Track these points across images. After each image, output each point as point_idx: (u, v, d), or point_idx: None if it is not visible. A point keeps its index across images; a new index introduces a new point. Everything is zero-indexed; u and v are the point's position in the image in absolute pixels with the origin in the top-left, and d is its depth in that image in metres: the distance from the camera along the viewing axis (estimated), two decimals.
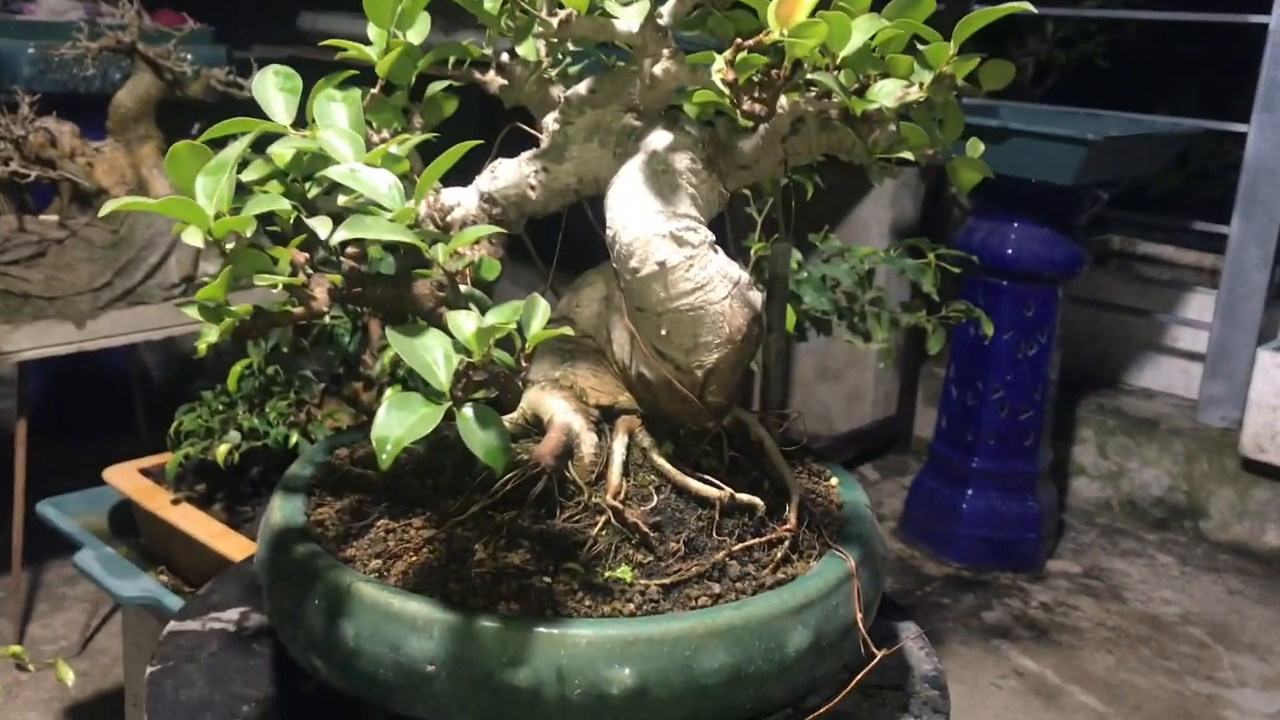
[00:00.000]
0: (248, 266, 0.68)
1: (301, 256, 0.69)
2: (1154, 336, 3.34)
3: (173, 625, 0.91)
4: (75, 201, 2.17)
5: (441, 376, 0.64)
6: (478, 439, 0.64)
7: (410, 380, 1.55)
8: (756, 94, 0.68)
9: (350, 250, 0.72)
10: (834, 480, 0.91)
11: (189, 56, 2.40)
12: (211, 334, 0.67)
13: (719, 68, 0.68)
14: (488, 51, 0.91)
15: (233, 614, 0.93)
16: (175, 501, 1.57)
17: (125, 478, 1.63)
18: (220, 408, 1.58)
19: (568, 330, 0.70)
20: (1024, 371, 2.72)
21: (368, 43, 0.82)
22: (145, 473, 1.65)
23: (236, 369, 1.54)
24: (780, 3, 0.66)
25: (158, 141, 2.24)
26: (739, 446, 0.85)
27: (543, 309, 0.68)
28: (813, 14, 0.68)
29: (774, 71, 0.68)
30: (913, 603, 2.64)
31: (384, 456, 0.61)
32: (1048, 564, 2.85)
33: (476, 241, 0.73)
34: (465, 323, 0.65)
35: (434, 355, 0.65)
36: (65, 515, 1.65)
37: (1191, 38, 4.88)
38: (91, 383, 2.96)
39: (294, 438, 1.54)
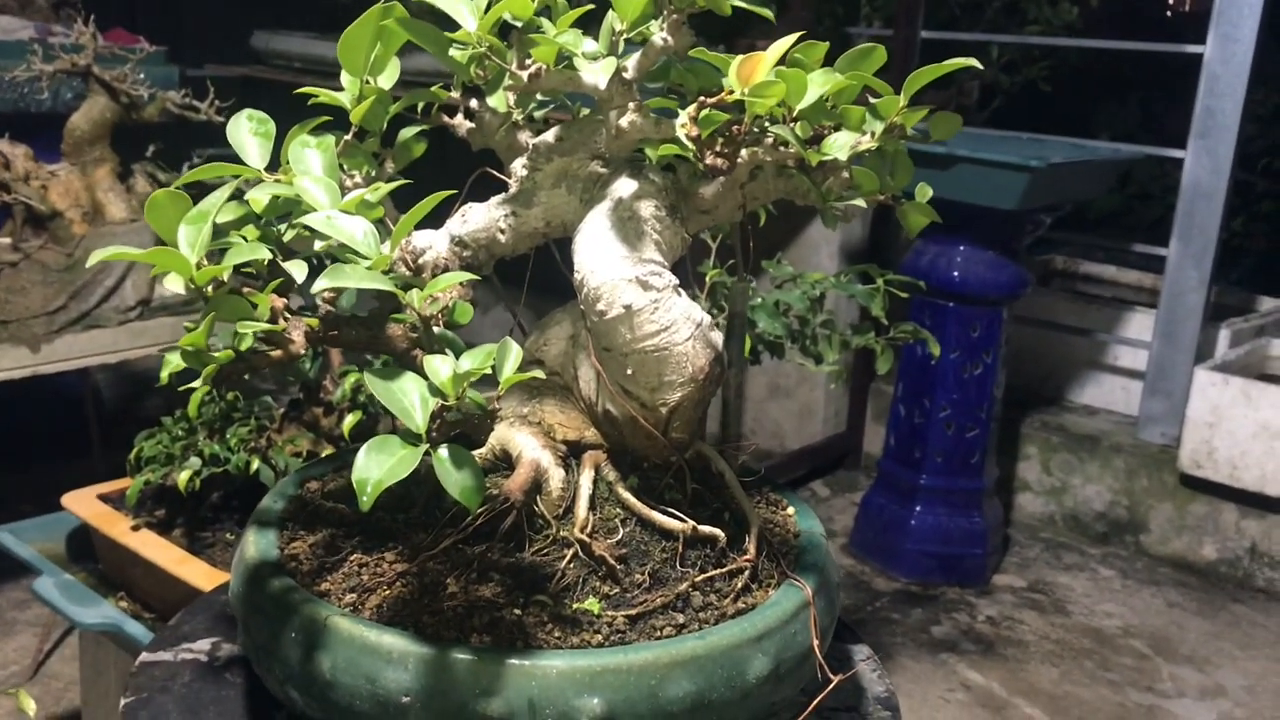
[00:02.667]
0: (229, 312, 0.70)
1: (280, 303, 0.71)
2: (1096, 355, 3.42)
3: (145, 656, 0.92)
4: (29, 224, 2.16)
5: (418, 419, 0.67)
6: (453, 479, 0.67)
7: (370, 406, 1.57)
8: (718, 148, 0.71)
9: (326, 294, 0.75)
10: (790, 510, 0.95)
11: (144, 78, 2.40)
12: (196, 380, 0.69)
13: (683, 123, 0.72)
14: (455, 95, 0.94)
15: (204, 644, 0.95)
16: (135, 527, 1.58)
17: (84, 504, 1.63)
18: (180, 433, 1.59)
19: (538, 374, 0.73)
20: (970, 391, 2.79)
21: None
22: (104, 498, 1.66)
23: (197, 395, 1.55)
24: (741, 63, 0.69)
25: (113, 164, 2.24)
26: (701, 479, 0.88)
27: (515, 353, 0.71)
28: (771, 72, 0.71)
29: (735, 127, 0.72)
30: (863, 618, 2.69)
31: (364, 499, 0.63)
32: (994, 578, 2.91)
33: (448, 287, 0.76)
34: (441, 367, 0.68)
35: (411, 399, 0.68)
36: (22, 541, 1.65)
37: (1134, 62, 5.01)
38: (43, 404, 2.94)
39: (255, 463, 1.55)
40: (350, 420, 1.53)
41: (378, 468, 0.64)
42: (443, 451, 0.67)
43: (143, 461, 1.60)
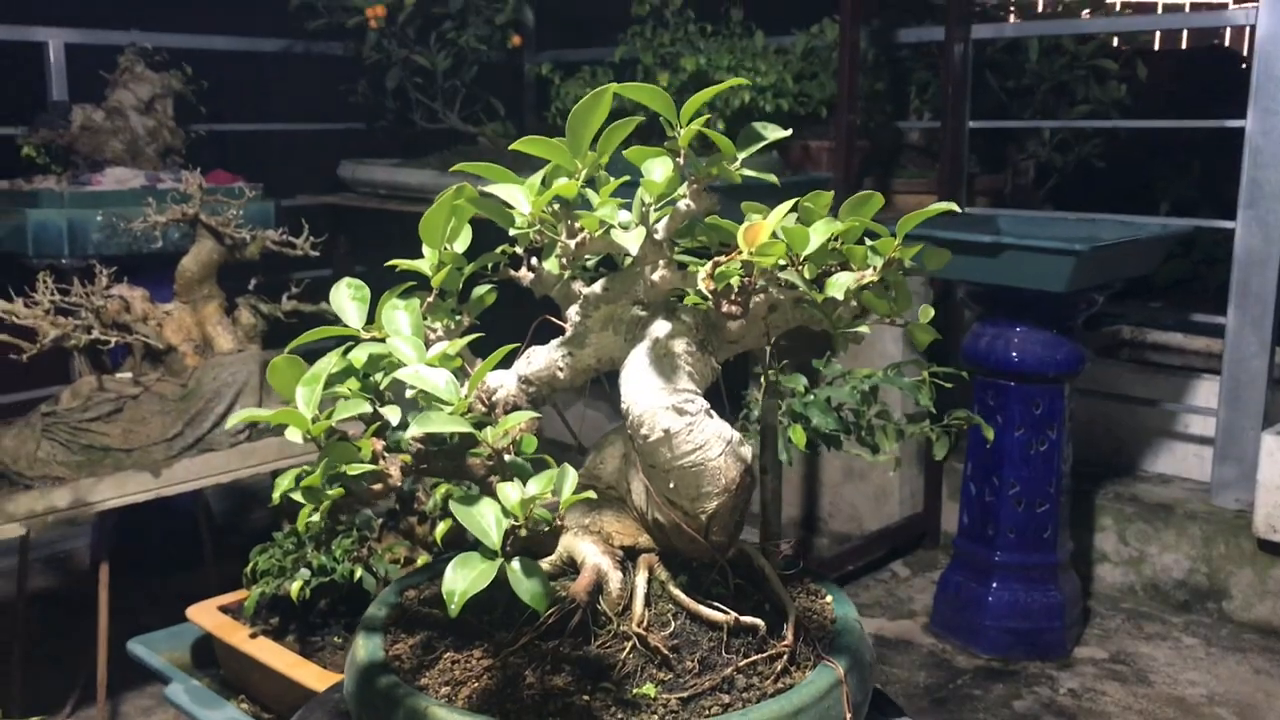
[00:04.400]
0: (339, 456, 0.86)
1: (379, 445, 0.86)
2: (1166, 423, 3.47)
3: None
4: (147, 359, 2.38)
5: (494, 537, 0.81)
6: (524, 587, 0.81)
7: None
8: (733, 297, 0.86)
9: (416, 433, 0.90)
10: (829, 598, 1.07)
11: (242, 213, 2.64)
12: (310, 514, 0.84)
13: (703, 278, 0.86)
14: (519, 251, 1.10)
15: None
16: (253, 635, 1.74)
17: (206, 615, 1.80)
18: (290, 547, 1.75)
19: (591, 494, 0.87)
20: (1037, 466, 2.86)
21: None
22: (223, 609, 1.83)
23: (305, 512, 1.72)
24: (747, 229, 0.84)
25: (220, 300, 2.46)
26: (745, 574, 1.01)
27: (571, 477, 0.85)
28: (774, 233, 0.86)
29: (746, 279, 0.86)
30: (944, 696, 2.74)
31: (453, 606, 0.77)
32: (1075, 651, 2.95)
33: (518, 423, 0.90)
34: (511, 493, 0.83)
35: (487, 520, 0.82)
36: (153, 651, 1.82)
37: (1190, 130, 5.07)
38: (159, 521, 3.15)
39: (358, 572, 1.71)
40: (442, 528, 1.67)
41: (462, 580, 0.78)
42: (515, 564, 0.81)
43: (258, 574, 1.76)
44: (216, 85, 3.54)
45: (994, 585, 2.92)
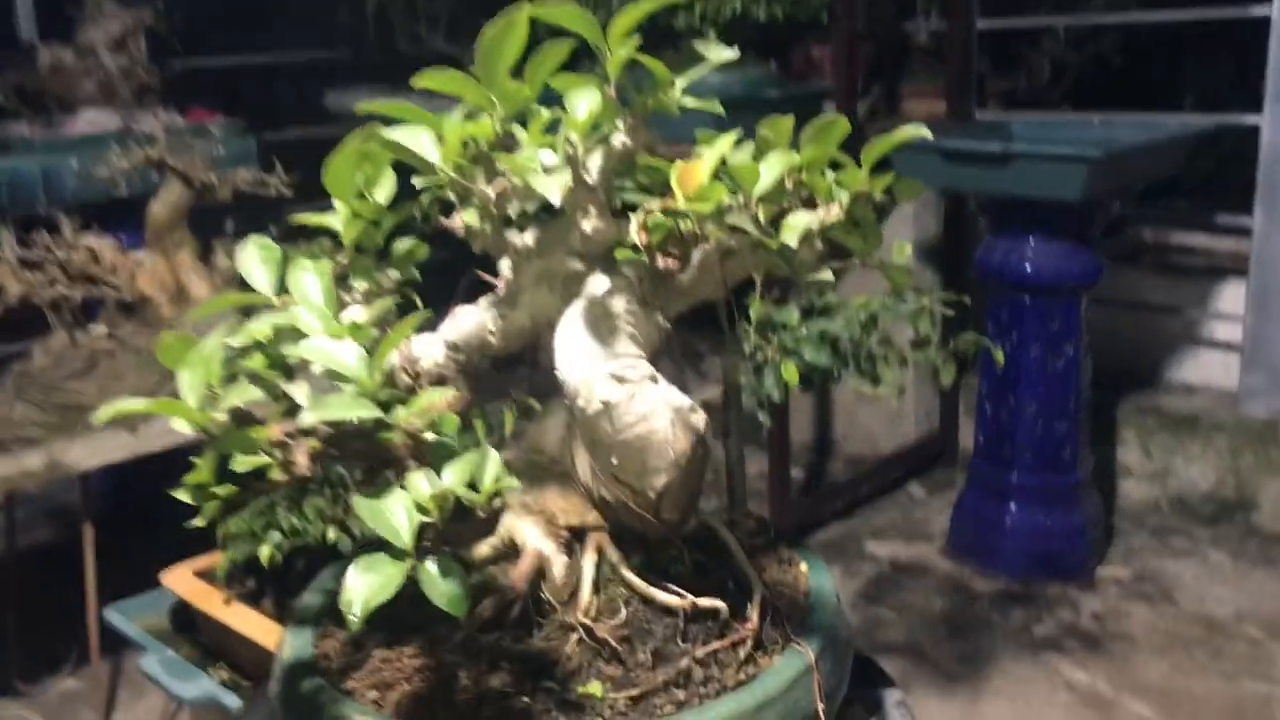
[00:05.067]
0: (234, 446, 0.76)
1: (280, 433, 0.77)
2: (1191, 330, 3.33)
3: None
4: (120, 311, 2.29)
5: (405, 537, 0.72)
6: (439, 590, 0.71)
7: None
8: (669, 250, 0.75)
9: (313, 420, 0.80)
10: (803, 566, 0.97)
11: (222, 150, 2.54)
12: (200, 517, 0.75)
13: (634, 230, 0.75)
14: (453, 197, 0.99)
15: None
16: (227, 601, 1.67)
17: (180, 581, 1.73)
18: (261, 508, 1.67)
19: (514, 483, 0.77)
20: (1054, 384, 2.75)
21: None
22: (199, 574, 1.75)
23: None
24: (681, 172, 0.73)
25: (192, 246, 2.36)
26: (708, 549, 0.91)
27: (494, 463, 0.75)
28: (716, 173, 0.75)
29: (686, 229, 0.75)
30: (962, 622, 2.67)
31: (352, 619, 0.68)
32: (1098, 571, 2.86)
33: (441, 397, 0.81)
34: (422, 484, 0.73)
35: (396, 517, 0.73)
36: (128, 619, 1.75)
37: (1216, 21, 4.84)
38: (151, 473, 3.09)
39: (332, 534, 1.63)
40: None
41: (364, 587, 0.69)
42: (429, 565, 0.72)
43: (228, 537, 1.69)
44: (193, 18, 3.41)
45: (1012, 507, 2.82)
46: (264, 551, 1.60)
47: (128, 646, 2.55)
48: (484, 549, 0.90)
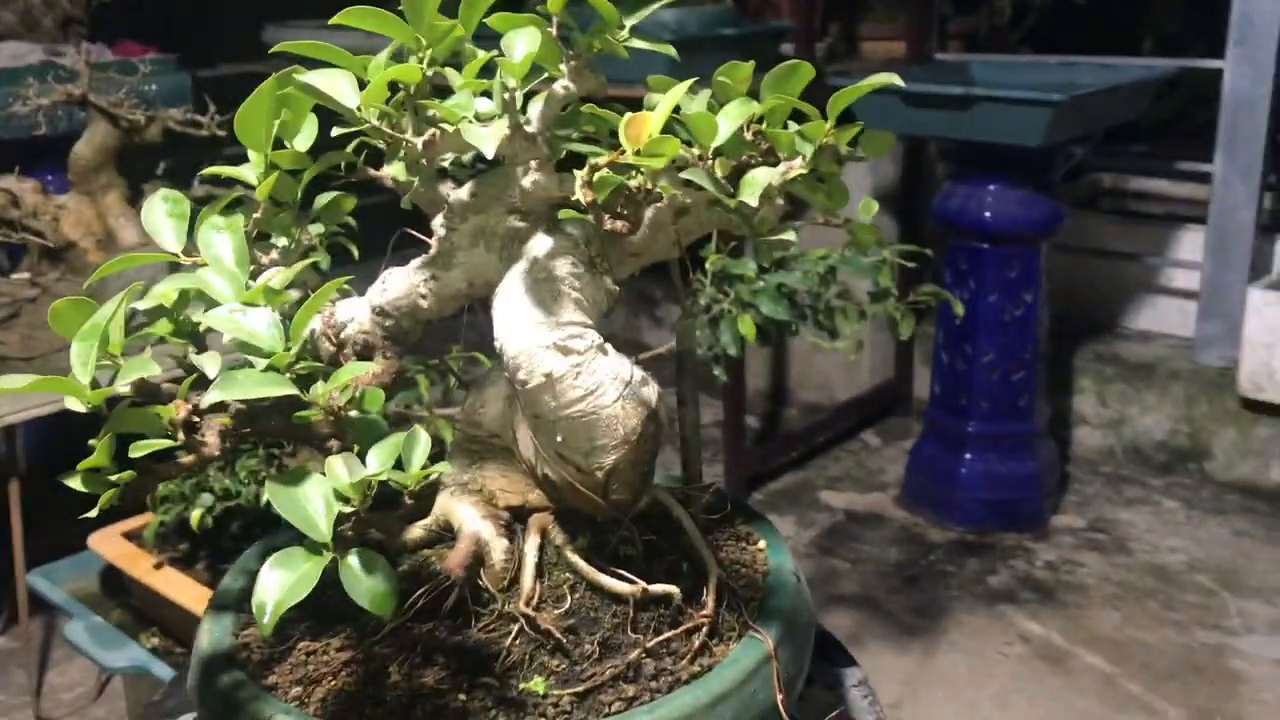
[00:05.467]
0: (132, 425, 0.69)
1: (184, 412, 0.69)
2: (1148, 277, 3.31)
3: None
4: (45, 258, 2.18)
5: (323, 528, 0.65)
6: (362, 586, 0.65)
7: None
8: (619, 210, 0.68)
9: (222, 399, 0.72)
10: (761, 544, 0.91)
11: (154, 87, 2.41)
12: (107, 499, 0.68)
13: (579, 187, 0.68)
14: (381, 145, 0.91)
15: (189, 718, 0.95)
16: (158, 565, 1.59)
17: (109, 543, 1.65)
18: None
19: (444, 468, 0.70)
20: (1012, 333, 2.71)
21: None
22: (129, 535, 1.68)
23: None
24: (629, 123, 0.65)
25: (121, 190, 2.25)
26: (660, 527, 0.85)
27: (423, 445, 0.68)
28: (667, 125, 0.67)
29: (635, 187, 0.68)
30: (917, 573, 2.65)
31: (265, 622, 0.61)
32: (1052, 520, 2.85)
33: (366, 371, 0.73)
34: (341, 471, 0.66)
35: (314, 506, 0.66)
36: (55, 584, 1.67)
37: None
38: (85, 422, 2.98)
39: (266, 495, 1.55)
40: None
41: (278, 587, 0.62)
42: (351, 559, 0.65)
43: (157, 499, 1.61)
44: None
45: (967, 456, 2.80)
46: (194, 515, 1.53)
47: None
48: (416, 531, 0.83)
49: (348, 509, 0.65)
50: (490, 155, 0.69)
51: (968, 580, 2.62)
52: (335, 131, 0.76)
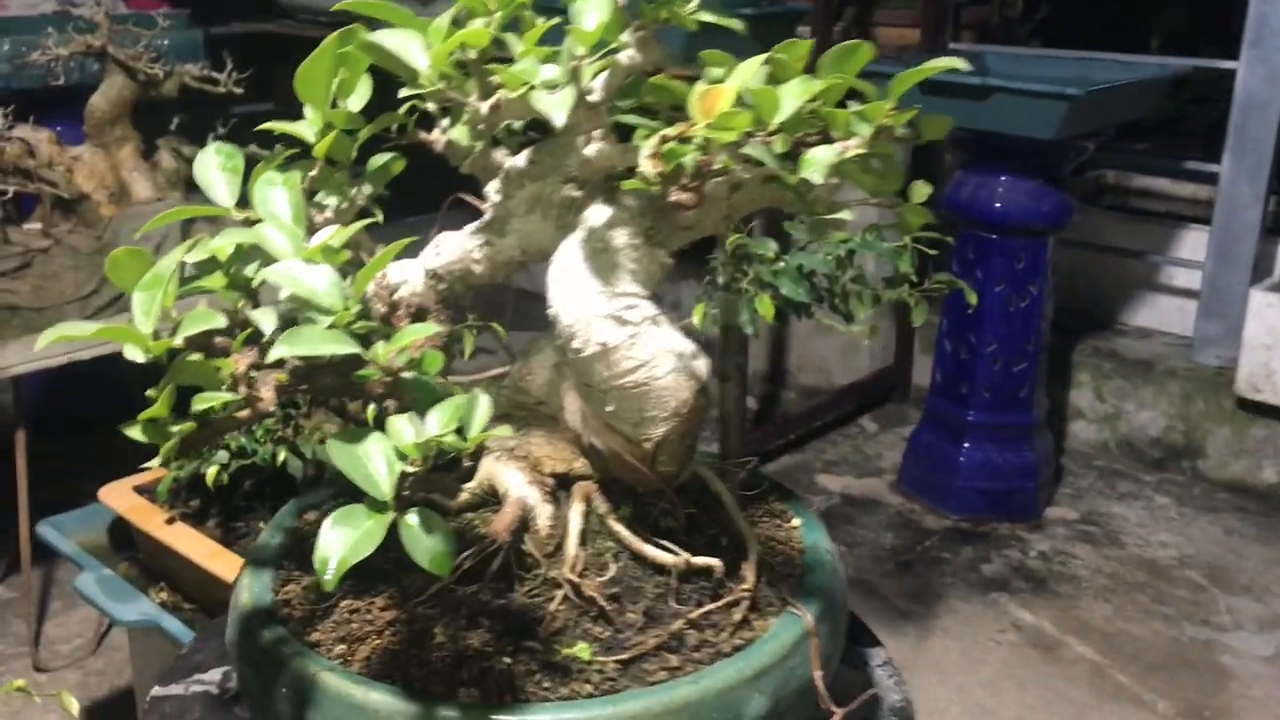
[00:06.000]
0: (191, 377, 0.69)
1: (245, 364, 0.69)
2: (1149, 275, 3.33)
3: (156, 690, 0.93)
4: (57, 209, 2.17)
5: (384, 487, 0.65)
6: (422, 546, 0.65)
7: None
8: (685, 183, 0.68)
9: (285, 354, 0.73)
10: (796, 521, 0.92)
11: (167, 42, 2.39)
12: (160, 456, 0.68)
13: (646, 157, 0.68)
14: (431, 109, 0.91)
15: (215, 674, 0.95)
16: (169, 520, 1.59)
17: (119, 497, 1.65)
18: None
19: (505, 432, 0.71)
20: (1016, 324, 2.72)
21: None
22: (140, 490, 1.67)
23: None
24: (703, 95, 0.66)
25: (136, 143, 2.24)
26: (699, 500, 0.86)
27: (483, 407, 0.69)
28: (739, 100, 0.68)
29: (702, 160, 0.68)
30: (912, 558, 2.67)
31: (328, 579, 0.62)
32: (1046, 511, 2.87)
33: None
34: (405, 430, 0.66)
35: (375, 464, 0.66)
36: (63, 535, 1.67)
37: None
38: (88, 376, 2.97)
39: (282, 454, 1.55)
40: (373, 407, 1.52)
41: (341, 544, 0.63)
42: (411, 518, 0.65)
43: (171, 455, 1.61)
44: None
45: (966, 445, 2.81)
46: (210, 472, 1.53)
47: (60, 556, 2.47)
48: (462, 495, 0.84)
49: (410, 469, 0.65)
50: (561, 124, 0.69)
51: (962, 567, 2.64)
52: (404, 92, 0.75)
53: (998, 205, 2.63)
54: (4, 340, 2.01)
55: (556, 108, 0.68)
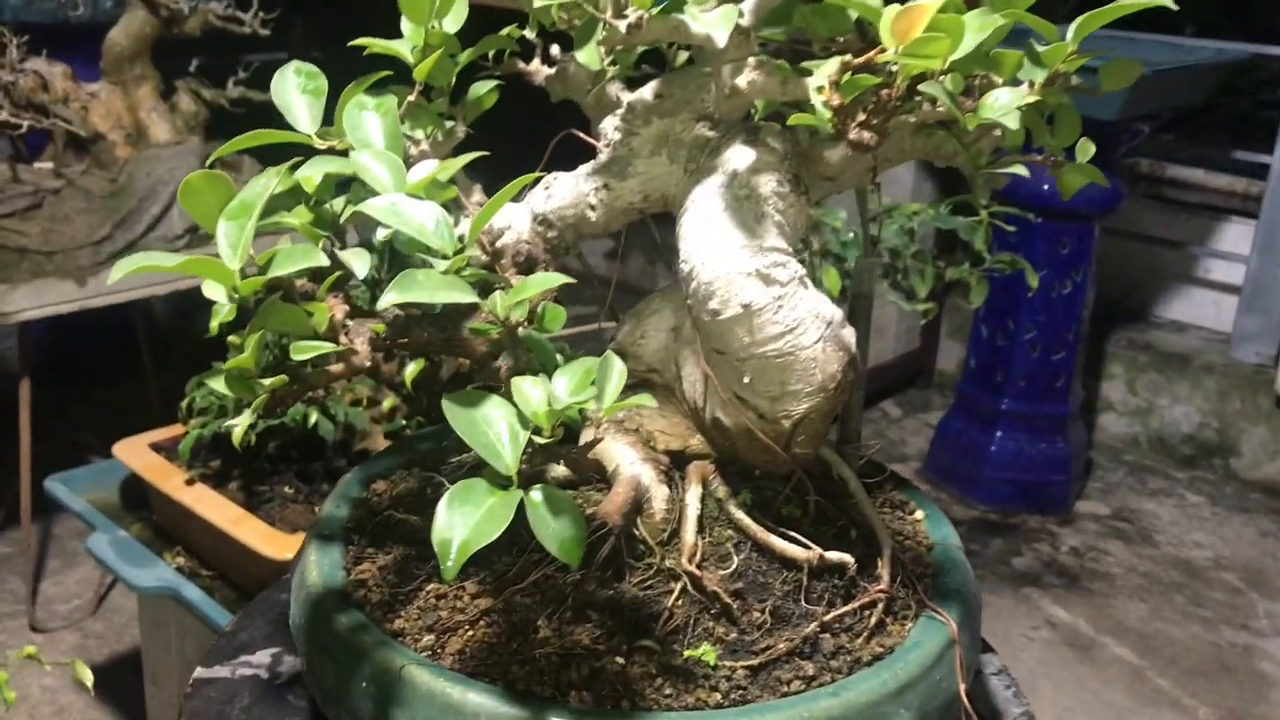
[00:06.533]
0: (279, 323, 0.59)
1: (340, 311, 0.60)
2: (1186, 267, 3.24)
3: (200, 672, 0.84)
4: (70, 148, 2.06)
5: (508, 458, 0.56)
6: (550, 529, 0.56)
7: (434, 354, 1.46)
8: (865, 119, 0.58)
9: (396, 301, 0.63)
10: (919, 514, 0.83)
11: None
12: (246, 417, 0.59)
13: (819, 85, 0.59)
14: (532, 36, 0.81)
15: (264, 657, 0.86)
16: (189, 481, 1.50)
17: (136, 454, 1.55)
18: None
19: (649, 400, 0.61)
20: (1057, 311, 2.64)
21: None
22: (156, 447, 1.58)
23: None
24: (899, 16, 0.56)
25: (155, 82, 2.12)
26: (819, 486, 0.77)
27: (619, 371, 0.59)
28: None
29: (884, 91, 0.59)
30: None
31: (449, 565, 0.53)
32: (1076, 505, 2.80)
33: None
34: (533, 393, 0.57)
35: (498, 431, 0.57)
36: (74, 493, 1.58)
37: None
38: (94, 325, 2.87)
39: (313, 415, 1.46)
40: (412, 369, 1.42)
41: (463, 525, 0.53)
42: (536, 495, 0.56)
43: (194, 411, 1.51)
44: None
45: (998, 434, 2.73)
46: (236, 433, 1.42)
47: (61, 511, 2.37)
48: (559, 470, 0.74)
49: (540, 439, 0.56)
50: (722, 45, 0.59)
51: (992, 560, 2.56)
52: (537, 1, 0.65)
53: (1046, 187, 2.53)
54: (12, 284, 1.91)
55: (718, 27, 0.58)
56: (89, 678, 1.21)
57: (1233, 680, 2.20)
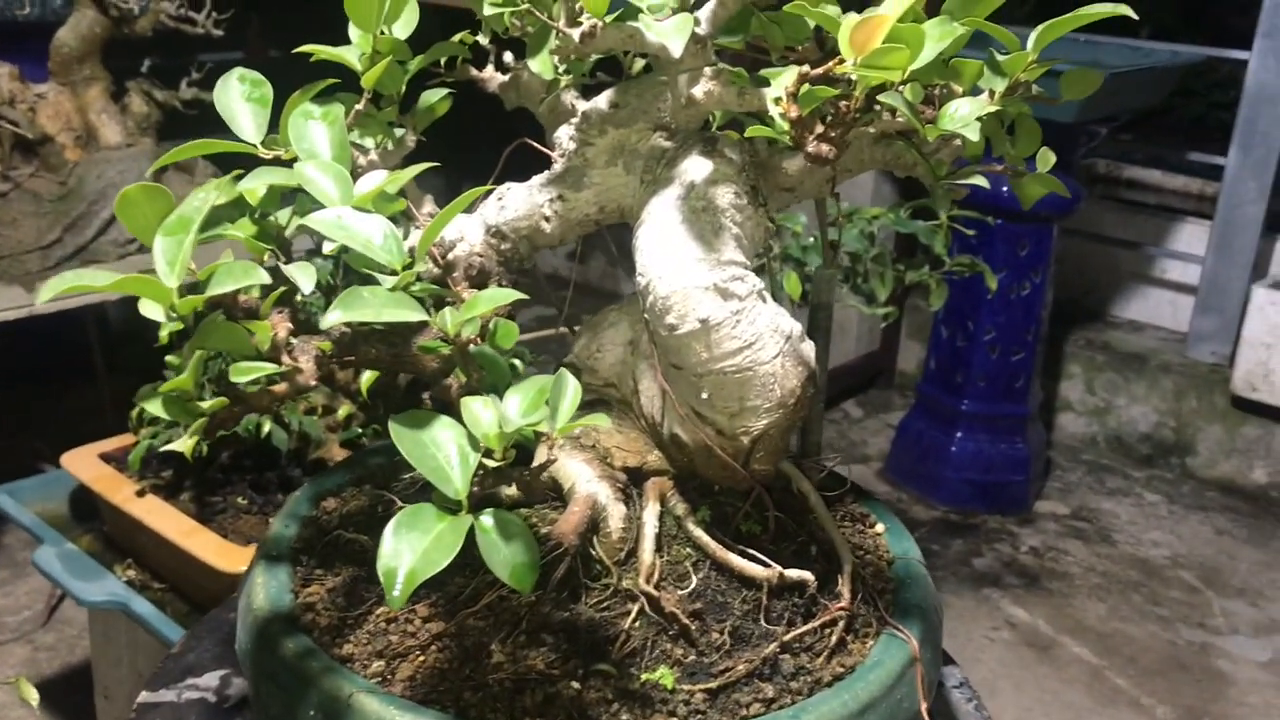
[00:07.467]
0: (219, 342, 0.57)
1: (284, 329, 0.58)
2: (1143, 267, 3.26)
3: (145, 696, 0.81)
4: (17, 150, 2.01)
5: (457, 482, 0.54)
6: (501, 556, 0.54)
7: None
8: (823, 131, 0.57)
9: (341, 320, 0.61)
10: (880, 527, 0.82)
11: None
12: (187, 441, 0.56)
13: (777, 97, 0.57)
14: (484, 42, 0.79)
15: (212, 679, 0.84)
16: (140, 492, 1.46)
17: (85, 465, 1.51)
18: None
19: (603, 420, 0.60)
20: (1016, 312, 2.65)
21: None
22: (106, 458, 1.54)
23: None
24: (857, 27, 0.55)
25: (105, 83, 2.08)
26: (779, 501, 0.75)
27: (573, 390, 0.57)
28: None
29: (843, 103, 0.58)
30: None
31: (395, 594, 0.51)
32: (1035, 505, 2.81)
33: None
34: (483, 414, 0.55)
35: (447, 454, 0.55)
36: (21, 504, 1.54)
37: None
38: (45, 329, 2.82)
39: (266, 425, 1.43)
40: (368, 377, 1.40)
41: (410, 553, 0.52)
42: (487, 520, 0.54)
43: (144, 420, 1.48)
44: None
45: (958, 435, 2.74)
46: (187, 444, 1.39)
47: (7, 523, 2.32)
48: (511, 490, 0.72)
49: (491, 462, 0.54)
50: (677, 55, 0.58)
51: (952, 561, 2.57)
52: (488, 8, 0.63)
53: (1005, 189, 2.53)
54: None
55: (673, 35, 0.57)
56: (34, 697, 1.18)
57: (1190, 678, 2.21)
